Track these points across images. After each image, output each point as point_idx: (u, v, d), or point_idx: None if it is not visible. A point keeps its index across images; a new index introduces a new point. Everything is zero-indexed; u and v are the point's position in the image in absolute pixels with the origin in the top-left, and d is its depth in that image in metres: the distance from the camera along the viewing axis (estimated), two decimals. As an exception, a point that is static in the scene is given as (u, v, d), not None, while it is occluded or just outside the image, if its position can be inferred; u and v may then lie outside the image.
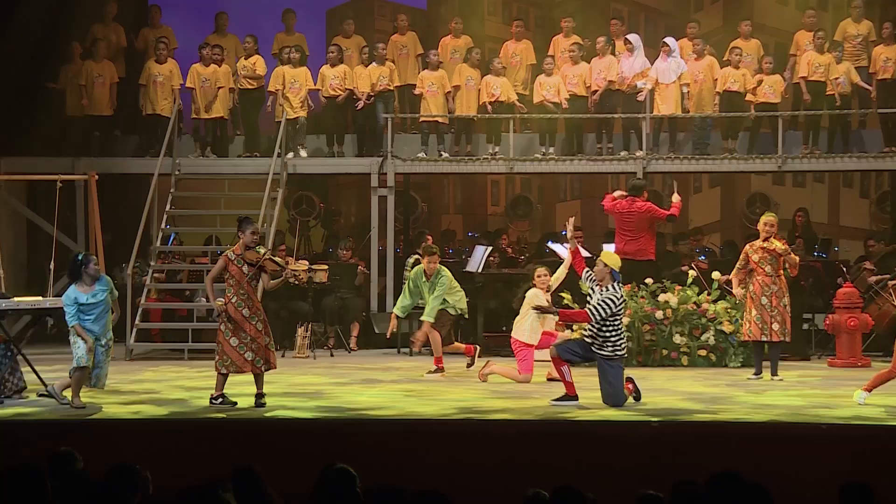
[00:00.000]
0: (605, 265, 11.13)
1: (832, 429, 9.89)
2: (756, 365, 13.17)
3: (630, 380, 11.32)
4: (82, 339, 11.02)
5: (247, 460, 6.13)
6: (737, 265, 13.33)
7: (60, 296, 14.20)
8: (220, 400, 11.06)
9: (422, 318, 13.92)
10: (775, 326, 12.88)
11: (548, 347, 11.82)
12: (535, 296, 12.56)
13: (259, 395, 11.13)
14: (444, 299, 13.81)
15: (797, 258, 13.23)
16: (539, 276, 12.91)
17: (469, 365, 13.88)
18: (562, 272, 12.97)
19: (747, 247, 13.26)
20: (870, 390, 10.94)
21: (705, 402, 11.32)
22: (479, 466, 9.15)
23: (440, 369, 13.63)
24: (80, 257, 11.39)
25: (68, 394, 11.13)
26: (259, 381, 11.15)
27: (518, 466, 9.02)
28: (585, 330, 11.29)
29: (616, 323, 11.06)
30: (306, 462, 6.97)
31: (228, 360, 11.03)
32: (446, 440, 9.81)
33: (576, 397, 11.16)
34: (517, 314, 12.97)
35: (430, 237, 16.83)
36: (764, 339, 12.93)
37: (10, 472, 5.68)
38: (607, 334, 11.02)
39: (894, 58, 16.98)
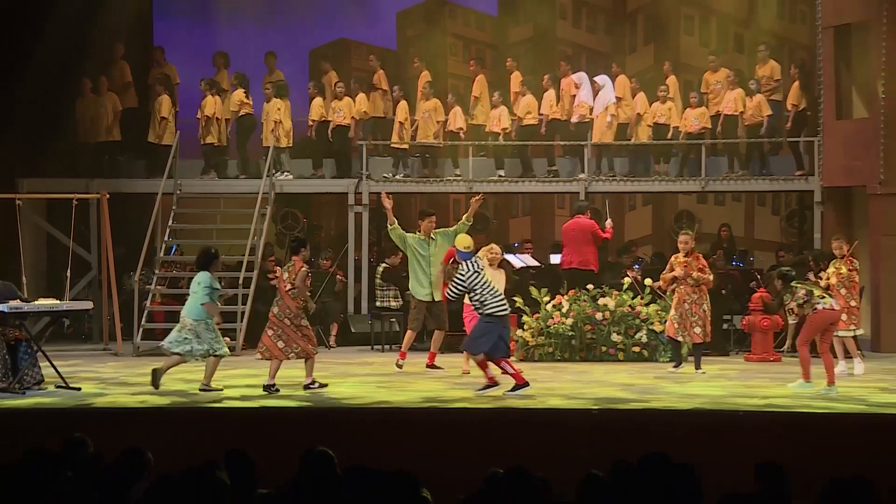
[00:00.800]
0: (455, 248, 11.27)
1: (748, 415, 9.98)
2: (675, 357, 13.25)
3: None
4: (212, 312, 11.14)
5: (238, 444, 6.08)
6: (663, 272, 13.41)
7: (76, 300, 14.20)
8: (273, 387, 11.20)
9: (437, 298, 13.29)
10: (696, 329, 12.91)
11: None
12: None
13: (315, 383, 11.51)
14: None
15: (710, 277, 13.16)
16: (492, 251, 12.76)
17: (399, 366, 13.32)
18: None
19: (672, 258, 13.33)
20: (832, 382, 11.17)
21: (639, 393, 11.35)
22: (442, 449, 9.13)
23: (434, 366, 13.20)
24: (213, 250, 11.57)
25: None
26: (310, 366, 11.53)
27: (476, 449, 9.00)
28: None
29: (481, 291, 10.99)
30: (291, 445, 6.92)
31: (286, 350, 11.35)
32: (414, 426, 9.80)
33: (526, 384, 11.08)
34: None
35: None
36: (680, 339, 12.98)
37: (28, 455, 5.62)
38: (478, 303, 11.06)
39: (796, 98, 17.09)
